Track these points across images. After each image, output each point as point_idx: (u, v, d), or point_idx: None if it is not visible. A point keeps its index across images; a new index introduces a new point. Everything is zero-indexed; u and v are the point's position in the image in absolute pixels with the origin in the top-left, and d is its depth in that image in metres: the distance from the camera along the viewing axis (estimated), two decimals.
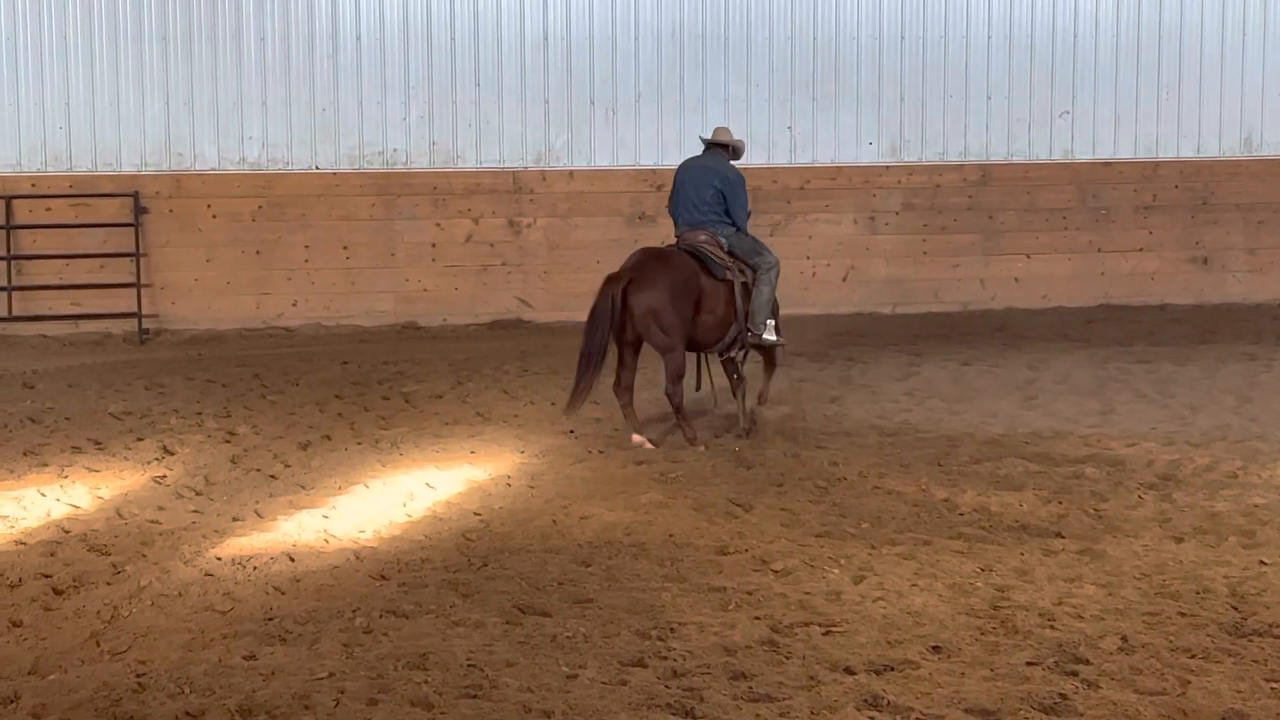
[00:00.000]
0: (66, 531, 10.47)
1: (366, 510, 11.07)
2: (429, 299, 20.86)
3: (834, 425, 14.14)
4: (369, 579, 9.29)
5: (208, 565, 9.55)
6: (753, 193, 21.09)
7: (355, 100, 20.63)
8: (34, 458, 12.80)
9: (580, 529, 10.47)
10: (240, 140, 20.42)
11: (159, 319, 20.23)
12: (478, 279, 21.04)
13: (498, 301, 21.10)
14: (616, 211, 21.24)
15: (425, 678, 7.57)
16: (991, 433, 13.76)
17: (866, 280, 21.84)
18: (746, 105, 21.33)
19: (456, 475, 12.20)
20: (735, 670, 7.69)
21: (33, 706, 7.22)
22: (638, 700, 7.27)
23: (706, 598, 8.93)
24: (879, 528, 10.48)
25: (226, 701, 7.24)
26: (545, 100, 20.95)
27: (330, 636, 8.21)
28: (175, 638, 8.23)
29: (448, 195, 20.79)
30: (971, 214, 21.96)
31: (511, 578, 9.30)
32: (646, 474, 12.12)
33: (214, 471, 12.38)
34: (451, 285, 20.98)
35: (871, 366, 17.36)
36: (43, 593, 9.04)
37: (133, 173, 20.21)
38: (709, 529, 10.45)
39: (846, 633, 8.29)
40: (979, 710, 7.16)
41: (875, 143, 21.69)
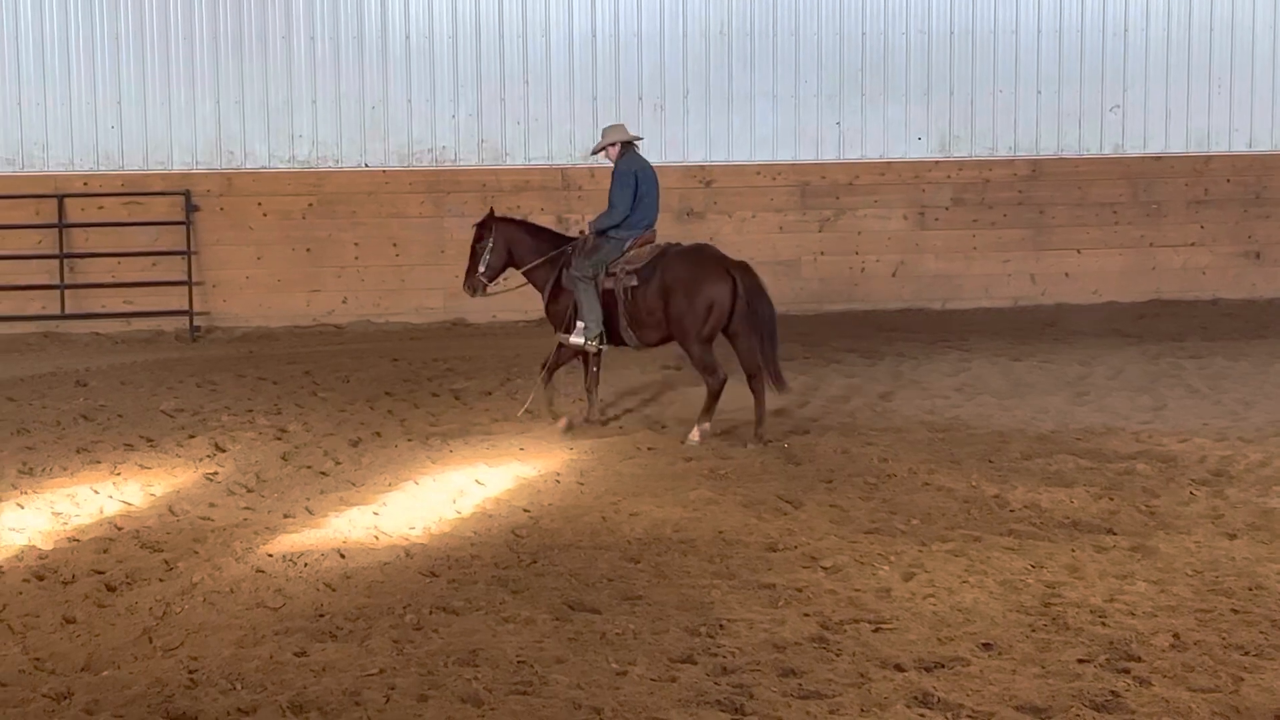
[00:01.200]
0: (119, 528, 10.53)
1: (417, 507, 11.10)
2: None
3: (884, 421, 14.10)
4: (419, 575, 9.32)
5: (259, 562, 9.59)
6: (801, 188, 21.25)
7: (404, 98, 20.68)
8: (87, 455, 12.88)
9: (629, 526, 10.46)
10: (290, 138, 20.50)
11: (210, 316, 20.33)
12: None
13: None
14: (664, 208, 21.05)
15: (475, 674, 7.58)
16: (1042, 429, 13.70)
17: (916, 276, 21.76)
18: (795, 101, 21.29)
19: (506, 472, 12.22)
20: (785, 667, 7.67)
21: (85, 703, 7.27)
22: (687, 697, 7.27)
23: (756, 594, 8.91)
24: (929, 524, 10.44)
25: (278, 698, 7.28)
26: (593, 97, 20.96)
27: (381, 633, 8.24)
28: (227, 634, 8.27)
29: (496, 192, 20.79)
30: (1022, 209, 21.86)
31: (561, 574, 9.31)
32: (696, 470, 12.11)
33: (265, 468, 12.43)
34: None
35: (921, 363, 17.30)
36: (95, 589, 9.10)
37: (184, 171, 20.32)
38: (758, 526, 10.43)
39: (896, 630, 8.26)
40: (1030, 708, 7.13)
41: (924, 138, 21.61)
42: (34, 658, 7.99)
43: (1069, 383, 15.99)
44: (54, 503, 11.24)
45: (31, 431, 13.85)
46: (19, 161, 20.08)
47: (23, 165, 20.08)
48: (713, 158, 21.18)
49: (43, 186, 20.05)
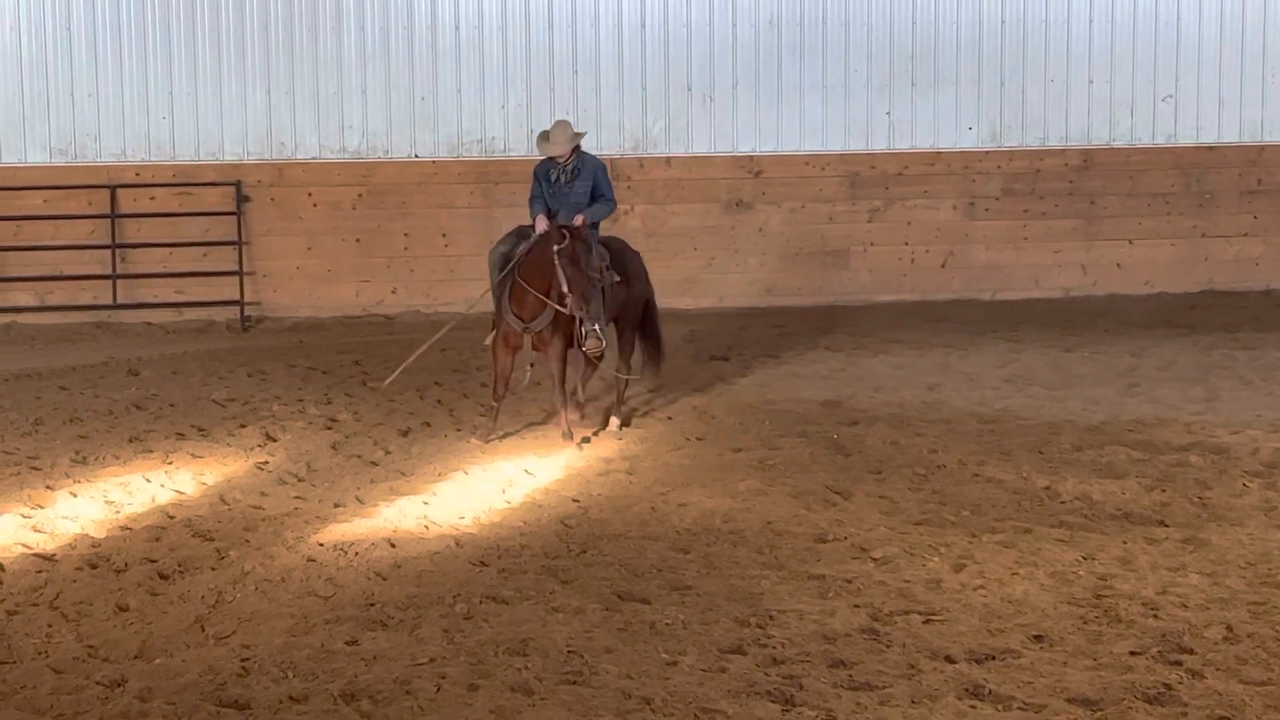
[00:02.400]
0: (171, 517, 10.60)
1: (466, 497, 11.14)
2: None
3: (933, 412, 14.05)
4: (469, 565, 9.35)
5: (310, 551, 9.64)
6: (850, 178, 21.19)
7: (454, 88, 20.71)
8: (139, 444, 12.97)
9: (679, 516, 10.47)
10: (341, 129, 20.56)
11: (261, 307, 20.42)
12: None
13: None
14: (714, 198, 21.20)
15: (525, 664, 7.60)
16: (1093, 420, 13.63)
17: (966, 266, 21.67)
18: (845, 91, 21.23)
19: (555, 462, 12.24)
20: (835, 658, 7.67)
21: (139, 690, 7.32)
22: (737, 688, 7.27)
23: (805, 585, 8.91)
24: (979, 515, 10.41)
25: (329, 686, 7.31)
26: (643, 87, 20.95)
27: (431, 622, 8.27)
28: (278, 623, 8.31)
29: None
30: (1073, 199, 21.73)
31: (610, 564, 9.32)
32: (745, 461, 12.10)
33: (315, 458, 12.49)
34: None
35: (971, 353, 17.23)
36: (148, 578, 9.17)
37: (235, 162, 20.41)
38: (808, 516, 10.42)
39: (947, 621, 8.25)
40: (1081, 700, 7.10)
41: (975, 127, 21.51)
42: (88, 645, 8.05)
43: (1120, 374, 15.90)
44: (107, 491, 11.32)
45: (84, 420, 13.95)
46: (72, 152, 20.21)
47: (75, 156, 20.21)
48: (762, 148, 21.14)
49: (95, 177, 20.18)
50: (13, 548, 9.81)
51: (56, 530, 10.25)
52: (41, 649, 8.02)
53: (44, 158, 20.18)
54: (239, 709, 7.12)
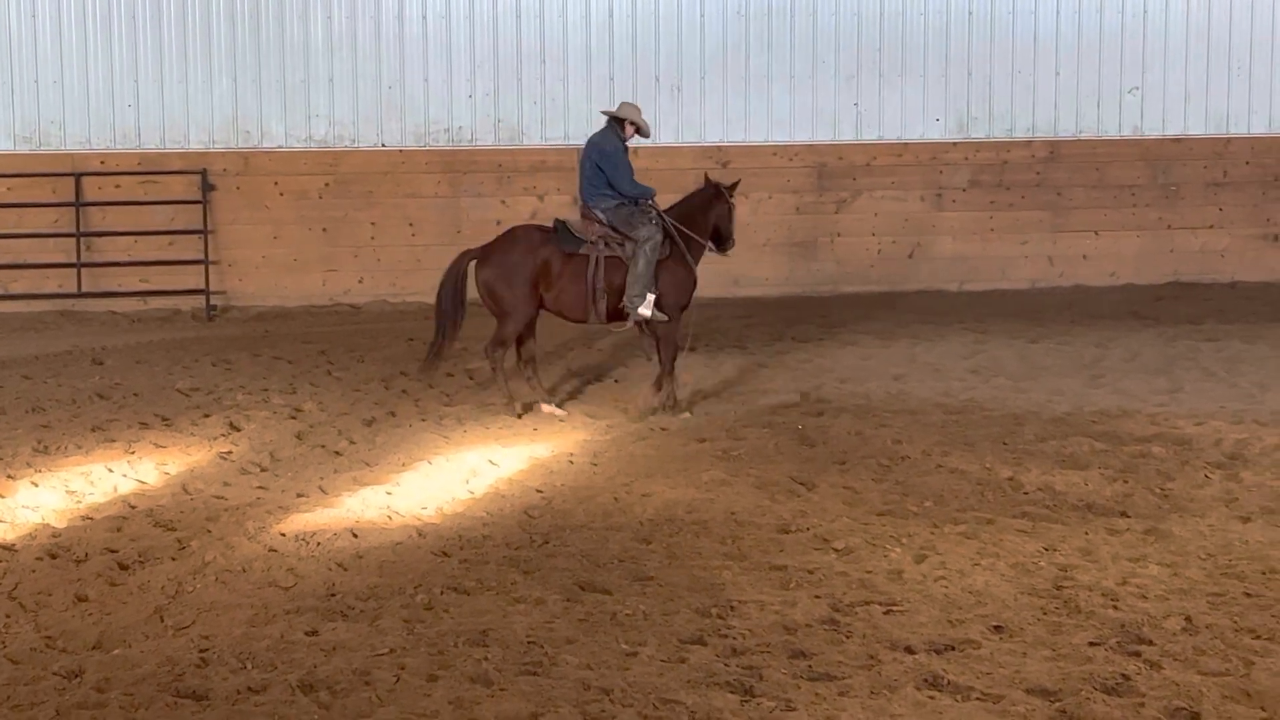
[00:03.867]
0: (133, 507, 10.56)
1: (430, 487, 11.13)
2: None
3: (898, 403, 14.08)
4: (431, 555, 9.34)
5: (271, 541, 9.62)
6: (818, 169, 21.20)
7: (421, 78, 20.67)
8: (102, 433, 12.91)
9: (642, 506, 10.47)
10: (307, 118, 20.50)
11: (226, 296, 20.35)
12: None
13: None
14: (681, 189, 21.08)
15: (485, 654, 7.60)
16: (1058, 411, 13.67)
17: (933, 257, 21.71)
18: (812, 82, 21.24)
19: (519, 452, 12.23)
20: (795, 649, 7.68)
21: (96, 681, 7.29)
22: (697, 678, 7.28)
23: (767, 576, 8.92)
24: (942, 506, 10.43)
25: (288, 677, 7.30)
26: (610, 77, 20.92)
27: (392, 613, 8.26)
28: (238, 613, 8.29)
29: (513, 173, 20.80)
30: (1039, 190, 21.79)
31: (572, 555, 9.32)
32: (709, 452, 12.10)
33: (279, 448, 12.46)
34: None
35: (937, 344, 17.27)
36: (108, 568, 9.14)
37: (201, 150, 20.33)
38: (771, 507, 10.43)
39: (907, 612, 8.26)
40: (1040, 690, 7.12)
41: (942, 119, 21.55)
42: (45, 635, 8.02)
43: (1085, 365, 15.95)
44: (68, 481, 11.27)
45: (47, 409, 13.89)
46: (36, 140, 20.11)
47: (40, 144, 20.11)
48: (729, 138, 21.15)
49: (60, 165, 20.08)
50: None
51: (17, 520, 10.20)
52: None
53: (8, 145, 20.09)
54: (196, 700, 7.10)
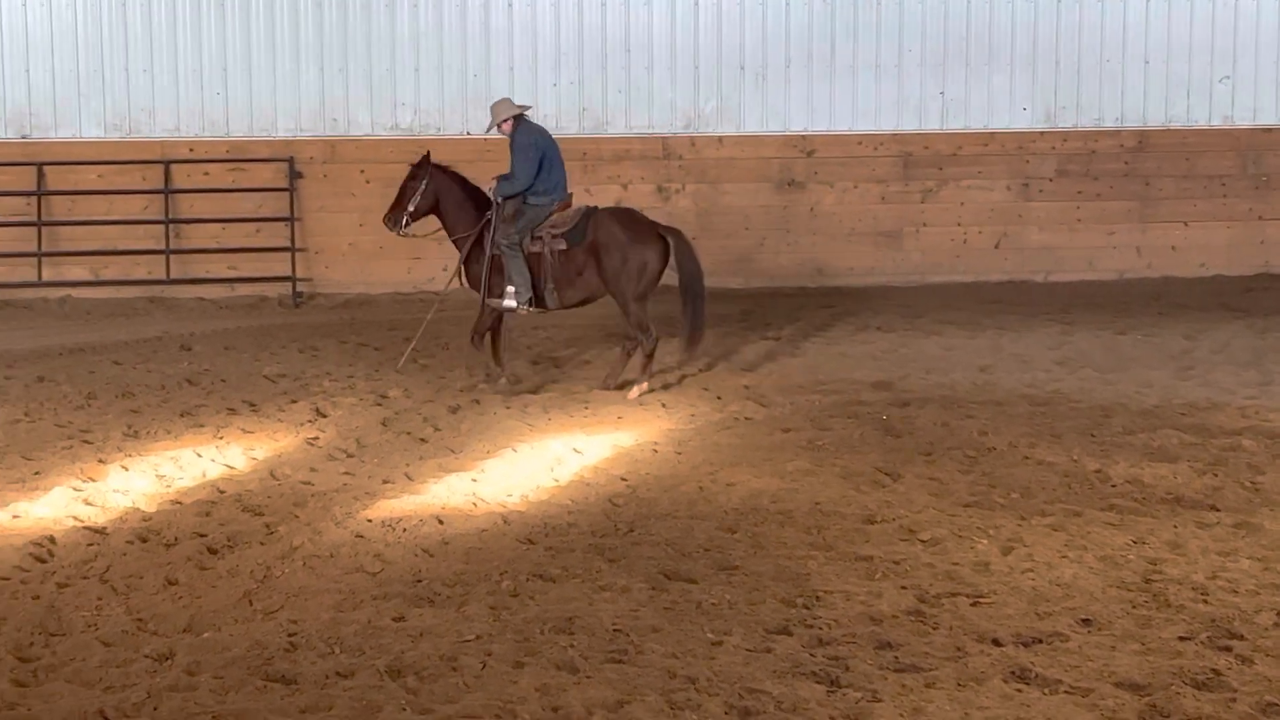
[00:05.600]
0: (221, 492, 10.65)
1: (514, 474, 11.15)
2: None
3: (984, 394, 13.99)
4: (516, 543, 9.36)
5: (358, 527, 9.67)
6: (903, 158, 21.11)
7: (506, 66, 20.71)
8: (190, 419, 13.04)
9: (726, 496, 10.46)
10: (393, 106, 20.61)
11: (313, 283, 20.49)
12: None
13: None
14: (765, 177, 21.16)
15: (571, 642, 7.61)
16: (1146, 403, 13.53)
17: (1019, 247, 21.56)
18: (898, 70, 21.13)
19: (604, 440, 12.24)
20: (881, 640, 7.64)
21: (187, 664, 7.36)
22: (783, 668, 7.26)
23: (853, 566, 8.88)
24: (1029, 498, 10.36)
25: (376, 662, 7.34)
26: (695, 66, 20.90)
27: (478, 599, 8.28)
28: (326, 598, 8.35)
29: (597, 161, 20.81)
30: (1128, 181, 21.59)
31: (657, 543, 9.32)
32: (794, 441, 12.07)
33: (365, 434, 12.53)
34: None
35: (1023, 335, 17.15)
36: (198, 552, 9.22)
37: (288, 138, 20.48)
38: (856, 497, 10.39)
39: (995, 604, 8.21)
40: (1129, 684, 7.06)
41: (1029, 108, 21.38)
42: (137, 618, 8.10)
43: (1173, 357, 15.79)
44: (158, 465, 11.39)
45: (137, 395, 14.04)
46: (126, 128, 20.31)
47: (130, 131, 20.32)
48: (815, 127, 21.08)
49: (149, 153, 20.28)
50: (64, 520, 9.88)
51: (108, 504, 10.32)
52: (91, 622, 8.07)
53: (99, 133, 20.30)
54: (285, 683, 7.15)
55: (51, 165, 20.19)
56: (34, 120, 20.27)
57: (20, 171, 20.19)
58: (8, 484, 10.81)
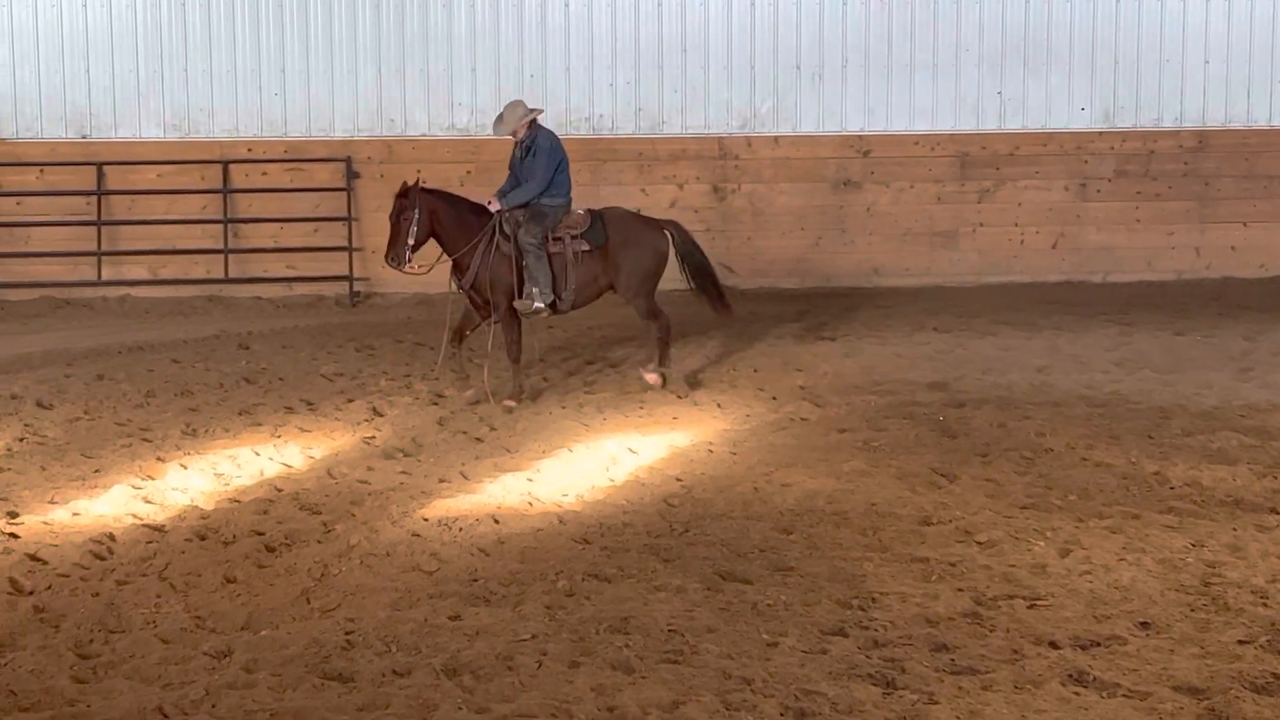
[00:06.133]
0: (279, 490, 10.71)
1: (570, 474, 11.17)
2: None
3: (1041, 395, 13.92)
4: (572, 542, 9.38)
5: (415, 526, 9.71)
6: (960, 158, 21.02)
7: (563, 66, 20.75)
8: (248, 417, 13.12)
9: (782, 496, 10.44)
10: (450, 106, 20.66)
11: (370, 282, 20.56)
12: None
13: None
14: (821, 177, 21.11)
15: (626, 642, 7.62)
16: (1205, 405, 13.44)
17: (1077, 248, 21.44)
18: (955, 70, 21.05)
19: (659, 441, 12.25)
20: (937, 642, 7.62)
21: (245, 661, 7.41)
22: (838, 670, 7.25)
23: (909, 568, 8.86)
24: (1086, 500, 10.30)
25: (432, 660, 7.37)
26: (751, 66, 20.87)
27: (533, 598, 8.30)
28: (383, 596, 8.38)
29: (653, 161, 20.82)
30: (1187, 181, 21.43)
31: (713, 544, 9.32)
32: (849, 442, 12.05)
33: (422, 433, 12.57)
34: None
35: (1081, 336, 17.05)
36: (256, 550, 9.28)
37: (345, 138, 20.56)
38: (912, 499, 10.36)
39: (1052, 606, 8.17)
40: (1188, 688, 7.02)
41: (1088, 108, 21.26)
42: (195, 616, 8.16)
43: (1233, 358, 15.67)
44: (216, 464, 11.47)
45: (195, 393, 14.13)
46: (185, 127, 20.44)
47: (189, 131, 20.45)
48: (871, 127, 21.02)
49: (208, 152, 20.40)
50: (124, 518, 9.97)
51: (166, 501, 10.40)
52: (150, 619, 8.14)
53: (158, 133, 20.44)
54: (342, 681, 7.19)
55: (111, 165, 20.34)
56: (94, 120, 20.43)
57: (80, 171, 20.34)
58: (68, 481, 10.91)
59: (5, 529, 9.66)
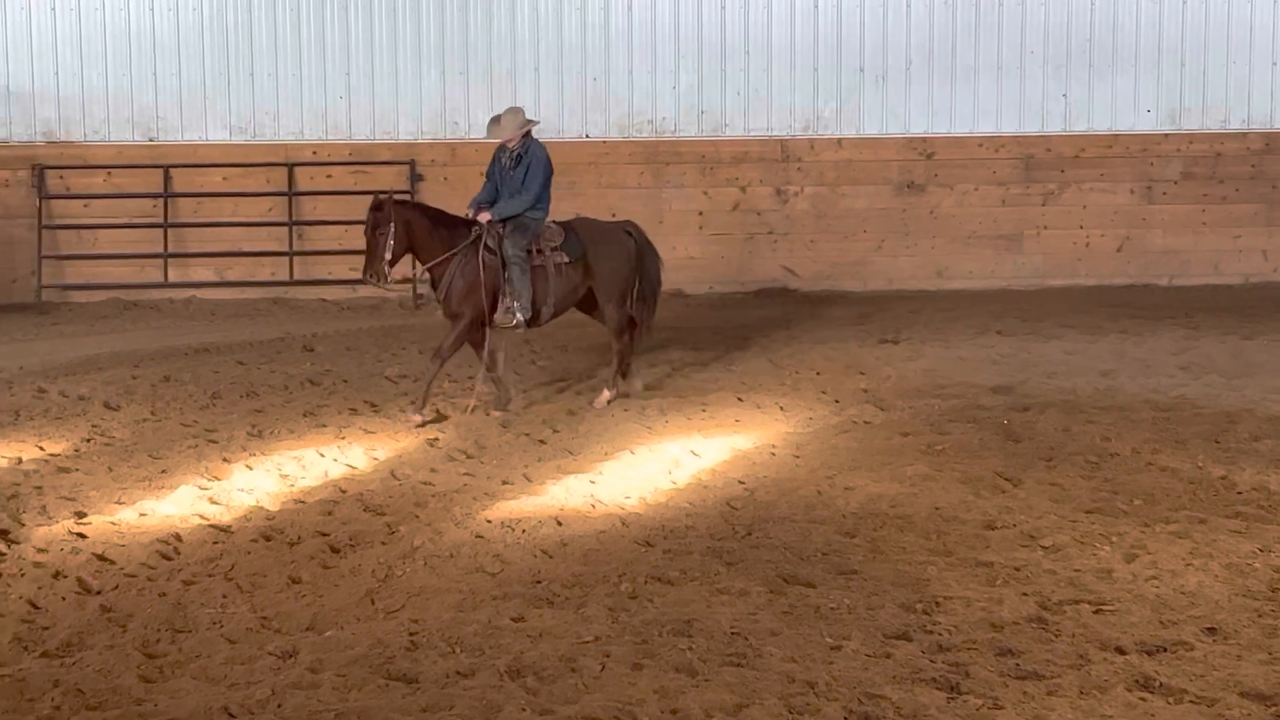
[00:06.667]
0: (343, 491, 10.76)
1: (632, 476, 11.17)
2: (695, 267, 20.95)
3: (1106, 399, 13.82)
4: (634, 545, 9.37)
5: (478, 527, 9.73)
6: (1025, 160, 20.93)
7: (625, 69, 20.78)
8: (313, 418, 13.18)
9: (845, 500, 10.41)
10: None
11: None
12: (744, 247, 21.08)
13: (764, 270, 21.11)
14: (885, 180, 21.07)
15: (689, 644, 7.61)
16: (1273, 409, 13.31)
17: (1142, 251, 21.32)
18: (1020, 72, 20.96)
19: (721, 443, 12.23)
20: (1002, 647, 7.58)
21: (310, 662, 7.44)
22: (902, 674, 7.22)
23: (973, 572, 8.81)
24: (1152, 505, 10.22)
25: (496, 662, 7.38)
26: (814, 68, 20.85)
27: (596, 601, 8.30)
28: (447, 598, 8.40)
29: (715, 164, 20.83)
30: (1254, 183, 21.28)
31: (775, 547, 9.30)
32: (912, 446, 12.00)
33: (485, 435, 12.60)
34: (718, 253, 21.05)
35: (1147, 339, 16.93)
36: (320, 551, 9.31)
37: (409, 141, 20.67)
38: (976, 503, 10.31)
39: (1118, 612, 8.11)
40: (1256, 694, 6.95)
41: (1153, 110, 21.13)
42: (261, 616, 8.20)
43: None
44: (281, 464, 11.53)
45: (260, 395, 14.22)
46: (251, 130, 20.60)
47: (255, 134, 20.60)
48: (934, 129, 20.96)
49: (274, 155, 20.55)
50: (190, 519, 10.03)
51: (232, 502, 10.46)
52: (216, 619, 8.18)
53: (224, 136, 20.61)
54: (407, 682, 7.21)
55: (178, 168, 20.50)
56: (161, 123, 20.61)
57: (147, 174, 20.52)
58: (135, 482, 11.00)
59: (73, 529, 9.74)
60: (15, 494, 10.62)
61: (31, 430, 12.81)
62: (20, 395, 14.26)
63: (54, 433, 12.70)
